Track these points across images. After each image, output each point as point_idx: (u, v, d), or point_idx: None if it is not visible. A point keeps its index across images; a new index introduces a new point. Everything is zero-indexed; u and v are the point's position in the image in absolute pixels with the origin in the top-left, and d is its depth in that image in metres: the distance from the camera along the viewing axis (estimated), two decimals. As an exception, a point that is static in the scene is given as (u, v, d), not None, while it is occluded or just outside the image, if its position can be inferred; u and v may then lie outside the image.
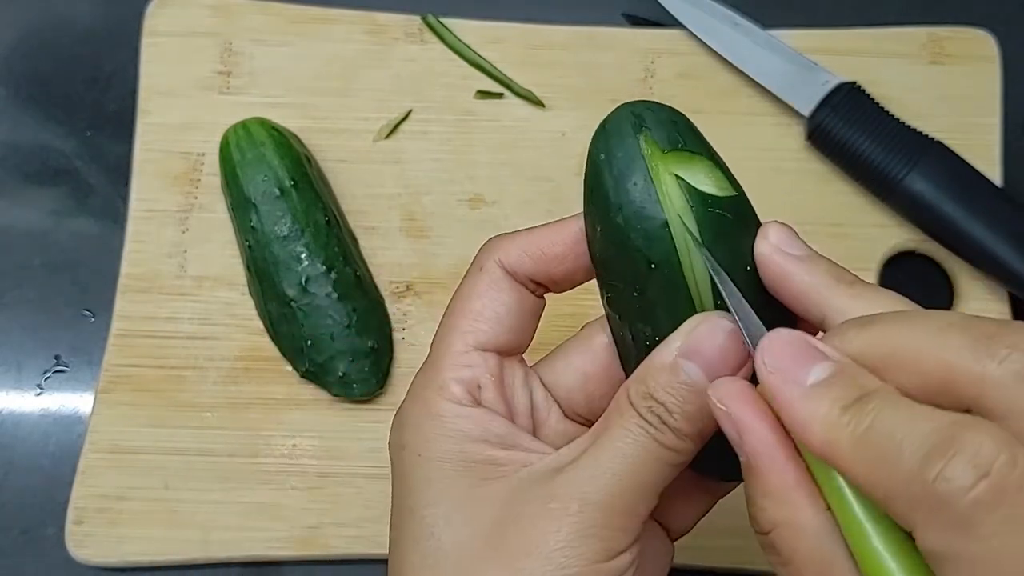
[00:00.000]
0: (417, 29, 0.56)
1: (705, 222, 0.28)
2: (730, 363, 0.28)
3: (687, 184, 0.29)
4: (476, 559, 0.28)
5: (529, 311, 0.33)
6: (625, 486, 0.27)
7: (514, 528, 0.27)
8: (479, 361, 0.31)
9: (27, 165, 0.56)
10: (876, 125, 0.51)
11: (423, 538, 0.29)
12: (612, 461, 0.27)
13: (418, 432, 0.30)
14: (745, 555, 0.48)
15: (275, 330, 0.50)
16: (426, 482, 0.29)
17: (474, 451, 0.29)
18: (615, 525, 0.27)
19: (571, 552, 0.26)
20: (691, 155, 0.29)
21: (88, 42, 0.58)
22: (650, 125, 0.30)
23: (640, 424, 0.28)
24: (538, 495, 0.28)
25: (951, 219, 0.50)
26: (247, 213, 0.50)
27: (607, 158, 0.30)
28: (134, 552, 0.48)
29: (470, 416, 0.30)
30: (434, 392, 0.31)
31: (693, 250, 0.28)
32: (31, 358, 0.52)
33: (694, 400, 0.27)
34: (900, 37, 0.56)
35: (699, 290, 0.29)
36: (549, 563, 0.26)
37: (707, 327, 0.28)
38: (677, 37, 0.56)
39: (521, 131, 0.55)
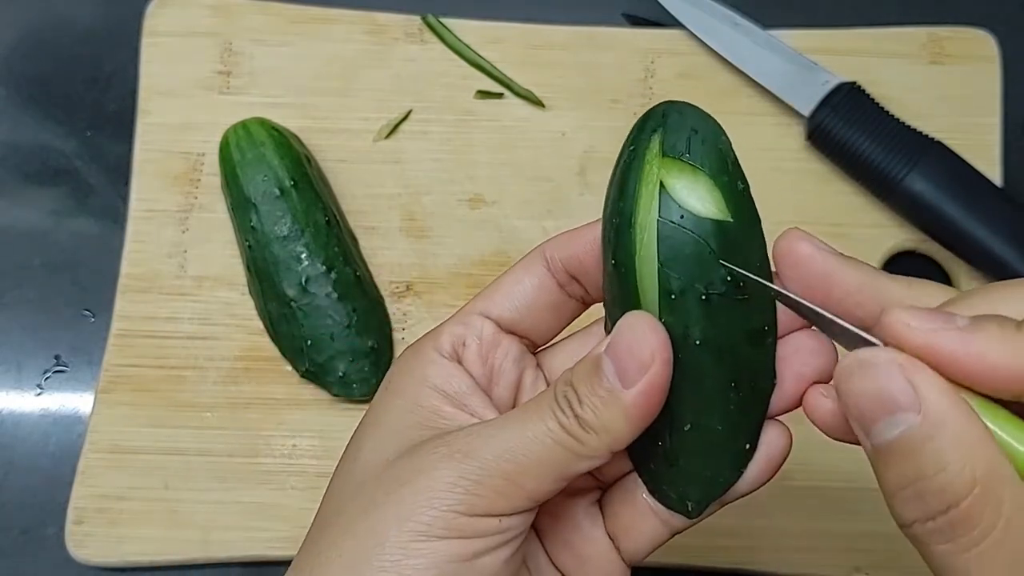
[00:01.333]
0: (417, 29, 0.56)
1: (670, 236, 0.27)
2: (639, 358, 0.27)
3: (666, 194, 0.28)
4: (369, 482, 0.29)
5: (550, 303, 0.32)
6: (513, 454, 0.27)
7: (407, 463, 0.28)
8: (475, 323, 0.32)
9: (27, 165, 0.56)
10: (876, 125, 0.51)
11: (350, 455, 0.31)
12: (510, 428, 0.28)
13: (397, 368, 0.32)
14: (745, 555, 0.48)
15: (275, 330, 0.50)
16: (380, 410, 0.31)
17: (426, 396, 0.30)
18: (492, 486, 0.27)
19: (436, 495, 0.27)
20: (691, 168, 0.28)
21: (88, 42, 0.58)
22: (669, 127, 0.29)
23: (551, 405, 0.28)
24: (442, 440, 0.28)
25: (951, 219, 0.50)
26: (247, 213, 0.50)
27: (624, 147, 0.30)
28: (134, 552, 0.48)
29: (439, 365, 0.31)
30: (427, 340, 0.32)
31: (646, 258, 0.28)
32: (31, 358, 0.52)
33: (602, 395, 0.27)
34: (900, 37, 0.56)
35: (646, 298, 0.28)
36: (418, 497, 0.27)
37: (626, 325, 0.27)
38: (677, 37, 0.56)
39: (521, 131, 0.55)
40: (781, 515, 0.48)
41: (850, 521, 0.48)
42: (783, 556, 0.48)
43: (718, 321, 0.28)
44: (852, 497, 0.48)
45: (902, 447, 0.23)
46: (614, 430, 0.27)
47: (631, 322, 0.27)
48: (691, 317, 0.27)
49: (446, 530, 0.27)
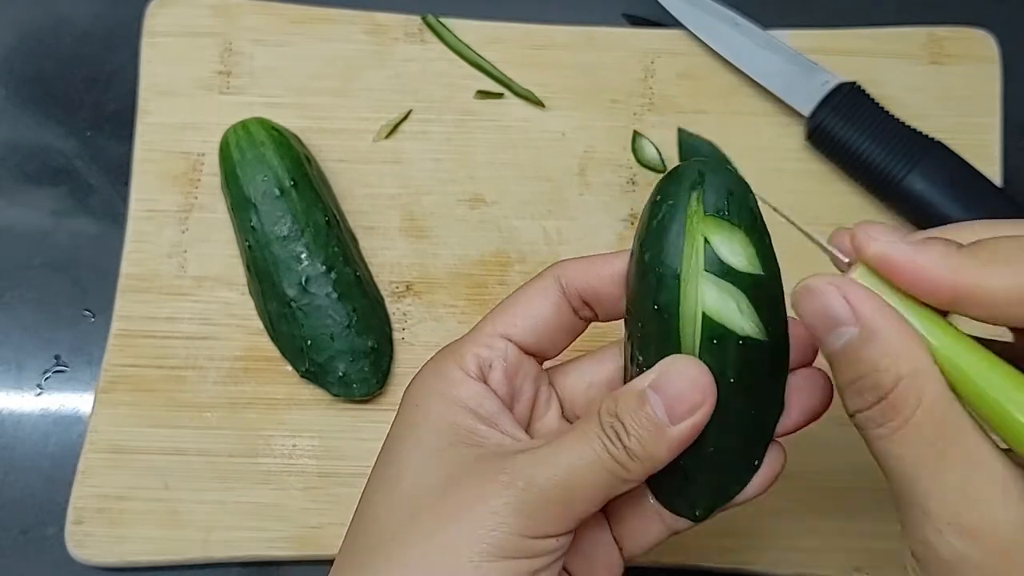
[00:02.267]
0: (417, 29, 0.56)
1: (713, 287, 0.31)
2: (691, 400, 0.30)
3: (711, 249, 0.31)
4: (424, 505, 0.31)
5: (565, 326, 0.36)
6: (569, 481, 0.30)
7: (463, 487, 0.31)
8: (499, 345, 0.34)
9: (27, 165, 0.56)
10: (876, 125, 0.51)
11: (390, 478, 0.32)
12: (565, 456, 0.30)
13: (422, 386, 0.34)
14: (745, 555, 0.48)
15: (275, 330, 0.50)
16: (411, 429, 0.33)
17: (461, 417, 0.33)
18: (548, 511, 0.30)
19: (502, 520, 0.29)
20: (730, 225, 0.31)
21: (88, 42, 0.58)
22: (707, 186, 0.32)
23: (599, 434, 0.31)
24: (496, 466, 0.31)
25: (951, 219, 0.50)
26: (247, 213, 0.50)
27: (660, 201, 0.32)
28: (134, 552, 0.48)
29: (469, 387, 0.33)
30: (450, 359, 0.34)
31: (692, 307, 0.31)
32: (31, 358, 0.52)
33: (650, 428, 0.30)
34: (900, 37, 0.56)
35: (685, 341, 0.31)
36: (481, 524, 0.29)
37: (675, 366, 0.31)
38: (677, 37, 0.56)
39: (521, 131, 0.55)
40: (781, 515, 0.48)
41: (850, 521, 0.48)
42: (783, 556, 0.48)
43: (749, 362, 0.31)
44: (852, 497, 0.48)
45: (846, 353, 0.27)
46: (656, 459, 0.31)
47: (683, 366, 0.31)
48: (728, 359, 0.31)
49: (513, 550, 0.29)
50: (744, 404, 0.32)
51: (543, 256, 0.53)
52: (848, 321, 0.27)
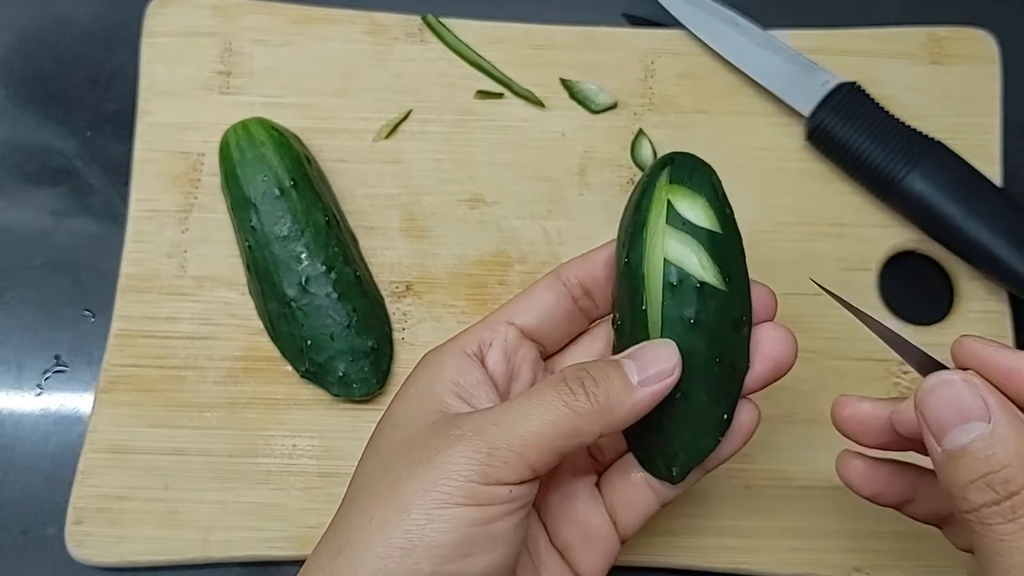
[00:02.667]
0: (417, 29, 0.56)
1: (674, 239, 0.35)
2: (662, 365, 0.34)
3: (673, 208, 0.35)
4: (393, 459, 0.33)
5: (565, 315, 0.39)
6: (517, 427, 0.32)
7: (424, 444, 0.33)
8: (501, 328, 0.37)
9: (27, 165, 0.56)
10: (876, 125, 0.51)
11: (374, 441, 0.36)
12: (515, 411, 0.32)
13: (421, 363, 0.37)
14: (745, 555, 0.48)
15: (275, 330, 0.50)
16: (399, 402, 0.36)
17: (439, 385, 0.35)
18: (500, 458, 0.31)
19: (452, 467, 0.31)
20: (691, 191, 0.36)
21: (88, 42, 0.58)
22: (675, 165, 0.36)
23: (559, 389, 0.33)
24: (452, 424, 0.33)
25: (951, 219, 0.50)
26: (247, 213, 0.50)
27: (639, 182, 0.37)
28: (134, 552, 0.48)
29: (458, 359, 0.36)
30: (455, 340, 0.37)
31: (653, 257, 0.35)
32: (31, 358, 0.52)
33: (619, 379, 0.33)
34: (900, 37, 0.56)
35: (651, 287, 0.35)
36: (437, 471, 0.31)
37: (651, 343, 0.34)
38: (677, 37, 0.56)
39: (521, 131, 0.55)
40: (781, 515, 0.48)
41: (850, 521, 0.48)
42: (783, 556, 0.48)
43: (708, 307, 0.35)
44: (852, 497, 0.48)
45: (974, 448, 0.29)
46: (618, 414, 0.33)
47: (660, 342, 0.34)
48: (687, 302, 0.35)
49: (464, 498, 0.31)
50: (707, 351, 0.35)
51: (543, 256, 0.53)
52: (981, 416, 0.29)
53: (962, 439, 0.29)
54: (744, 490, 0.48)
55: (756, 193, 0.53)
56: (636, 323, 0.35)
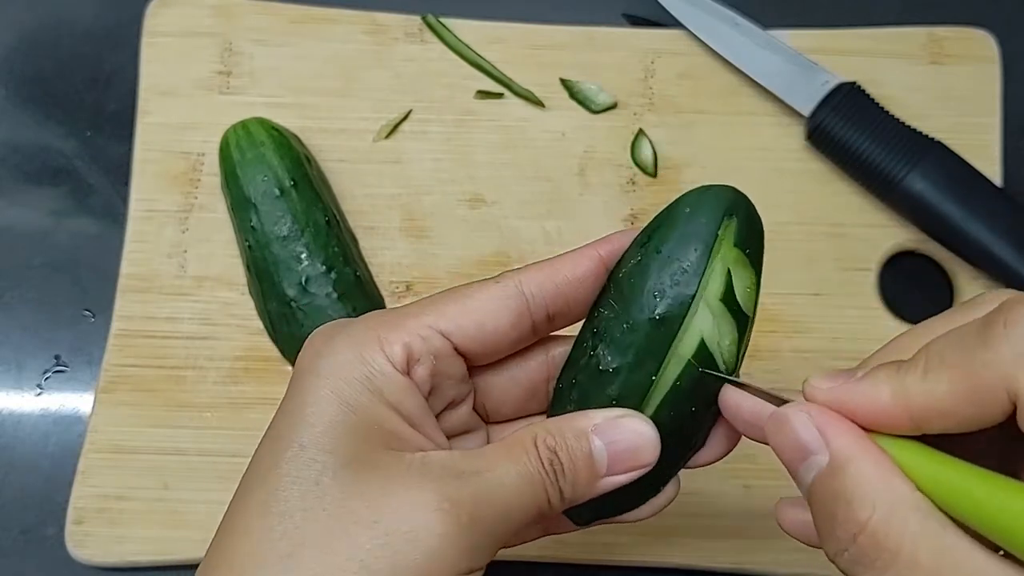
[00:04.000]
0: (417, 29, 0.56)
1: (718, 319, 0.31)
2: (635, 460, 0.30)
3: (730, 281, 0.31)
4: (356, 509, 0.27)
5: (516, 339, 0.33)
6: (508, 514, 0.29)
7: (397, 506, 0.27)
8: (435, 342, 0.31)
9: (27, 165, 0.56)
10: (876, 125, 0.51)
11: (306, 470, 0.28)
12: (506, 489, 0.29)
13: (340, 368, 0.30)
14: (745, 555, 0.48)
15: (275, 330, 0.50)
16: (328, 422, 0.29)
17: (383, 415, 0.29)
18: (484, 544, 0.28)
19: (444, 552, 0.27)
20: (749, 264, 0.31)
21: (88, 42, 0.58)
22: (742, 219, 0.31)
23: (540, 470, 0.29)
24: (435, 490, 0.28)
25: (951, 219, 0.50)
26: (247, 213, 0.50)
27: (691, 212, 0.32)
28: (134, 552, 0.48)
29: (395, 382, 0.30)
30: (376, 341, 0.30)
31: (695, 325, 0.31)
32: (31, 358, 0.52)
33: (586, 473, 0.30)
34: (900, 37, 0.56)
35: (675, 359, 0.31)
36: (416, 550, 0.26)
37: (634, 422, 0.30)
38: (677, 37, 0.56)
39: (521, 131, 0.55)
40: (781, 515, 0.48)
41: (850, 521, 0.48)
42: (783, 556, 0.48)
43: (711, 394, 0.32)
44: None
45: (818, 487, 0.25)
46: (581, 499, 0.30)
47: (638, 426, 0.30)
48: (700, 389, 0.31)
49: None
50: (688, 427, 0.32)
51: (543, 256, 0.52)
52: (818, 449, 0.25)
53: (807, 477, 0.26)
54: (744, 490, 0.48)
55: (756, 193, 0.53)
56: (635, 385, 0.31)
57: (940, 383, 0.24)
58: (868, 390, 0.25)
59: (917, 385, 0.24)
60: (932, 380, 0.24)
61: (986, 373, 0.23)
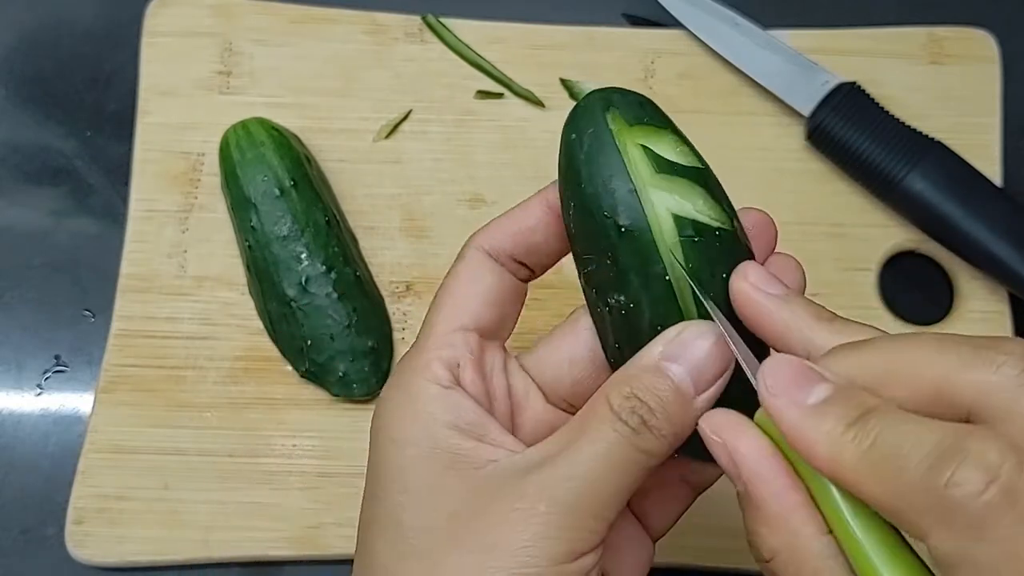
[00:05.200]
0: (417, 29, 0.56)
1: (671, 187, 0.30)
2: (716, 367, 0.28)
3: (652, 152, 0.30)
4: (441, 549, 0.28)
5: (510, 293, 0.33)
6: (596, 490, 0.27)
7: (481, 523, 0.27)
8: (460, 341, 0.31)
9: (27, 165, 0.56)
10: (876, 125, 0.51)
11: (390, 525, 0.29)
12: (585, 465, 0.27)
13: (393, 415, 0.30)
14: (745, 555, 0.48)
15: (275, 330, 0.50)
16: (397, 468, 0.30)
17: (442, 437, 0.29)
18: (581, 527, 0.27)
19: (535, 551, 0.26)
20: (656, 128, 0.31)
21: (88, 42, 0.58)
22: (617, 104, 0.31)
23: (617, 428, 0.28)
24: (507, 493, 0.28)
25: (951, 219, 0.50)
26: (247, 213, 0.50)
27: (578, 136, 0.31)
28: (134, 552, 0.48)
29: (442, 399, 0.30)
30: (414, 373, 0.31)
31: (661, 214, 0.29)
32: (31, 358, 0.52)
33: (677, 402, 0.28)
34: (900, 37, 0.56)
35: (670, 251, 0.29)
36: (512, 559, 0.26)
37: (692, 332, 0.29)
38: (677, 37, 0.56)
39: (521, 131, 0.55)
40: (781, 515, 0.48)
41: (850, 521, 0.48)
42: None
43: (730, 253, 0.30)
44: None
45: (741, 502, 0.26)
46: (682, 434, 0.28)
47: (698, 333, 0.28)
48: (715, 254, 0.30)
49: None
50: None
51: (543, 256, 0.53)
52: (735, 476, 0.26)
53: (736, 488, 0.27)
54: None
55: (756, 193, 0.53)
56: (656, 300, 0.30)
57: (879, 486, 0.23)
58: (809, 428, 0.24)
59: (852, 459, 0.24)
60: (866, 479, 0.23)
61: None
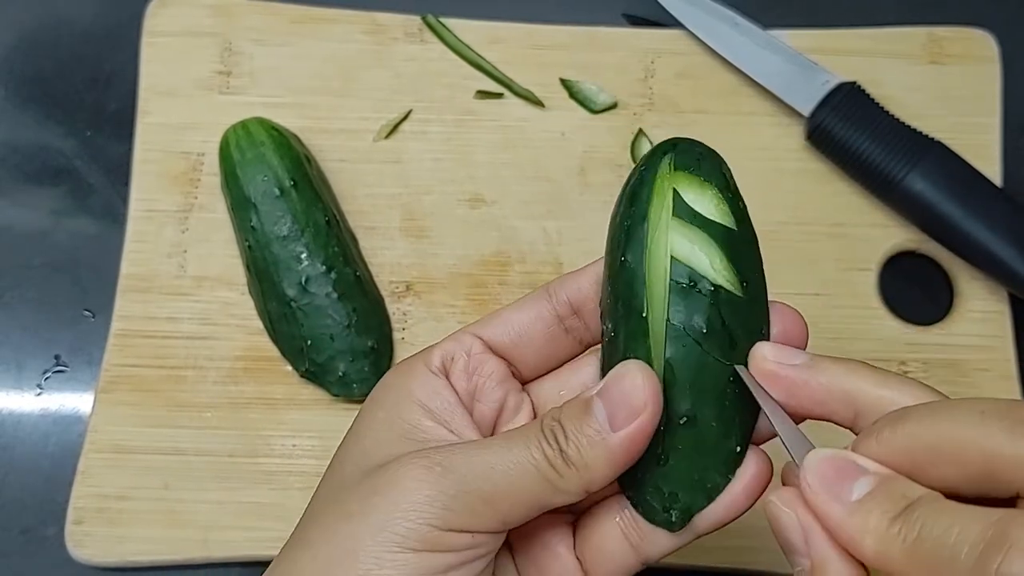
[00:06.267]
0: (417, 29, 0.56)
1: (683, 234, 0.30)
2: (631, 406, 0.28)
3: (680, 198, 0.30)
4: (348, 490, 0.30)
5: (545, 333, 0.33)
6: (494, 476, 0.28)
7: (384, 473, 0.29)
8: (466, 340, 0.33)
9: (27, 165, 0.56)
10: (876, 125, 0.51)
11: (332, 470, 0.32)
12: (494, 451, 0.29)
13: (384, 382, 0.33)
14: (745, 555, 0.48)
15: (275, 330, 0.50)
16: (362, 422, 0.32)
17: (408, 409, 0.31)
18: (468, 504, 0.28)
19: (413, 507, 0.28)
20: (700, 180, 0.30)
21: (88, 42, 0.58)
22: (678, 151, 0.31)
23: (538, 436, 0.29)
24: (421, 455, 0.29)
25: (951, 219, 0.50)
26: (247, 213, 0.50)
27: (635, 171, 0.32)
28: (134, 552, 0.48)
29: (426, 381, 0.32)
30: (418, 356, 0.33)
31: (656, 253, 0.30)
32: (31, 358, 0.52)
33: (590, 434, 0.28)
34: (900, 37, 0.56)
35: (654, 289, 0.29)
36: (395, 509, 0.28)
37: (620, 369, 0.29)
38: (677, 37, 0.56)
39: (521, 131, 0.55)
40: (781, 515, 0.48)
41: (850, 521, 0.48)
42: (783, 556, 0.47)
43: (723, 314, 0.29)
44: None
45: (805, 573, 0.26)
46: (594, 469, 0.28)
47: (627, 369, 0.29)
48: (698, 307, 0.29)
49: (420, 543, 0.27)
50: (719, 364, 0.29)
51: (543, 256, 0.53)
52: (802, 552, 0.26)
53: (796, 567, 0.26)
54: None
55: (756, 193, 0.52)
56: (633, 334, 0.30)
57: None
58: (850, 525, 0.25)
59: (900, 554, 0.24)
60: None
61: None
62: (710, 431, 0.30)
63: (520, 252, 0.53)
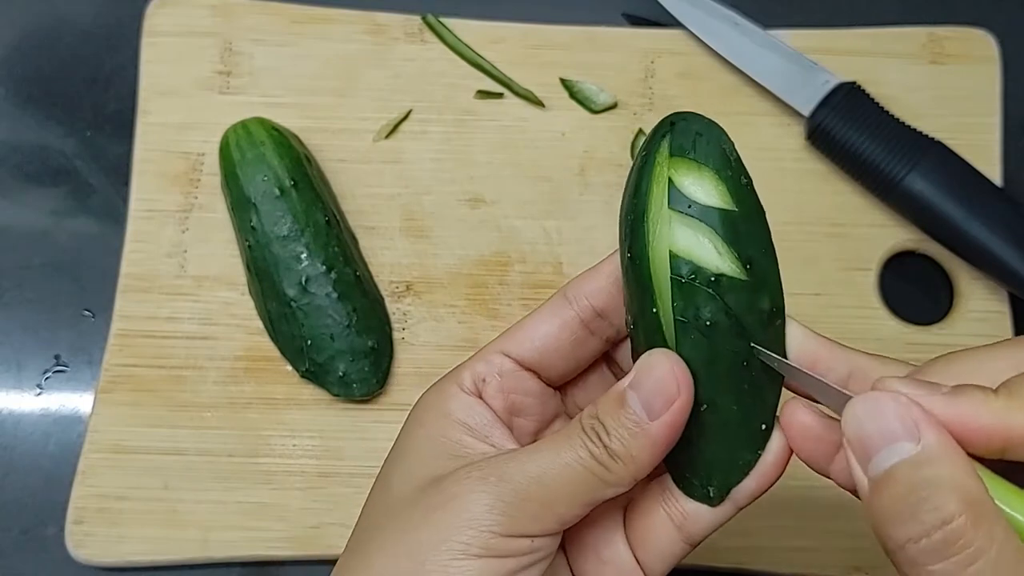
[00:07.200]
0: (417, 29, 0.56)
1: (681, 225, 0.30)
2: (665, 395, 0.29)
3: (675, 187, 0.30)
4: (403, 507, 0.31)
5: (571, 341, 0.34)
6: (547, 479, 0.29)
7: (440, 489, 0.30)
8: (495, 360, 0.34)
9: (27, 165, 0.56)
10: (876, 125, 0.51)
11: (382, 488, 0.33)
12: (543, 456, 0.30)
13: (423, 403, 0.34)
14: (745, 555, 0.48)
15: (275, 330, 0.50)
16: (406, 440, 0.33)
17: (450, 429, 0.32)
18: (526, 509, 0.29)
19: (474, 516, 0.29)
20: (697, 164, 0.30)
21: (88, 42, 0.58)
22: (676, 131, 0.31)
23: (581, 436, 0.30)
24: (473, 466, 0.30)
25: (951, 219, 0.50)
26: (247, 213, 0.50)
27: (637, 156, 0.32)
28: (134, 552, 0.48)
29: (461, 400, 0.33)
30: (450, 376, 0.34)
31: (658, 246, 0.30)
32: (31, 358, 0.52)
33: (630, 427, 0.29)
34: (900, 37, 0.56)
35: (658, 286, 0.30)
36: (453, 521, 0.29)
37: (648, 361, 0.30)
38: (677, 37, 0.56)
39: (521, 131, 0.55)
40: (781, 515, 0.48)
41: (850, 521, 0.48)
42: (783, 556, 0.48)
43: (727, 302, 0.29)
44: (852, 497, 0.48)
45: (900, 472, 0.25)
46: (639, 459, 0.29)
47: (656, 359, 0.29)
48: (701, 300, 0.29)
49: (483, 549, 0.28)
50: (732, 354, 0.30)
51: (543, 256, 0.53)
52: (907, 436, 0.25)
53: (887, 461, 0.25)
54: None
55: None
56: (649, 328, 0.30)
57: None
58: (967, 407, 0.25)
59: (1017, 413, 0.25)
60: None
61: None
62: (732, 415, 0.31)
63: (520, 252, 0.53)
